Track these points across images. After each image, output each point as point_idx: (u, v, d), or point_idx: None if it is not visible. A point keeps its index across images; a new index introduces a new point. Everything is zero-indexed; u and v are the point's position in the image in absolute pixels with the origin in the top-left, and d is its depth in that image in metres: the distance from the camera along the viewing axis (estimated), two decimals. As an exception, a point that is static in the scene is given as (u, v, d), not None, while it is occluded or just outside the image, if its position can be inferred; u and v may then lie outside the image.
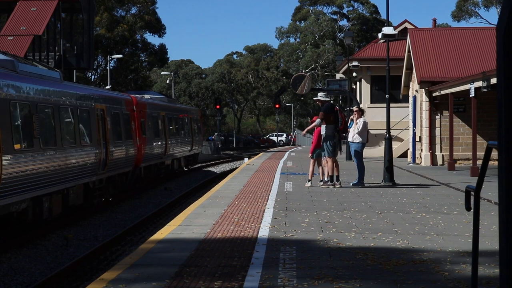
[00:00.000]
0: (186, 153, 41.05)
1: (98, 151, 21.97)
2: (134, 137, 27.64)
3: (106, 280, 8.35)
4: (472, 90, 25.82)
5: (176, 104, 43.33)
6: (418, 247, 10.53)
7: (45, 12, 42.51)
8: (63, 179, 18.47)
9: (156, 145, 32.11)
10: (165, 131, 34.14)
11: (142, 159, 28.91)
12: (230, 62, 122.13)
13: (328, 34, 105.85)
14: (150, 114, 31.25)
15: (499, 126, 2.57)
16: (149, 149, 30.28)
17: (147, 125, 30.25)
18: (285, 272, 8.63)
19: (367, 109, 42.98)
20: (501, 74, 2.55)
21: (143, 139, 29.11)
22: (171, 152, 35.62)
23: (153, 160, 31.63)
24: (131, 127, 27.37)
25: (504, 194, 2.56)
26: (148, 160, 30.25)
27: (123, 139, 25.76)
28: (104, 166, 22.69)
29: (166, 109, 35.72)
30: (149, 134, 30.57)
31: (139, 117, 28.86)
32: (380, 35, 26.29)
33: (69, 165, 18.97)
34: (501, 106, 2.54)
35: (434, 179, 23.93)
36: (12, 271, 13.88)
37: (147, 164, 30.32)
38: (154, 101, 33.93)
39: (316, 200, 16.94)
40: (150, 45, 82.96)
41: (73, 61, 45.60)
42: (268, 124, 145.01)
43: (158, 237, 11.50)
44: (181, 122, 39.74)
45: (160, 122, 33.44)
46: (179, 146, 38.27)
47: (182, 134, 39.49)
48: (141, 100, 30.36)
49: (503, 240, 2.58)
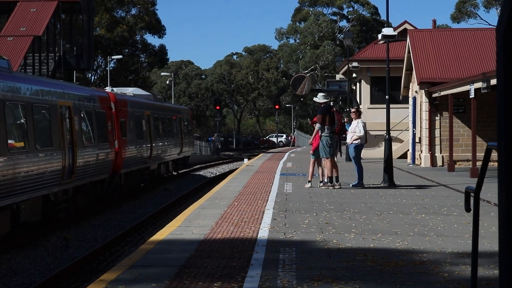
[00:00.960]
0: (175, 157, 37.83)
1: (61, 156, 18.49)
2: (111, 140, 24.42)
3: (106, 281, 8.35)
4: (472, 91, 25.82)
5: (164, 103, 39.73)
6: (418, 248, 10.53)
7: (45, 12, 42.51)
8: (10, 192, 15.28)
9: (140, 148, 28.87)
10: (150, 133, 30.88)
11: (122, 164, 25.65)
12: (230, 63, 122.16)
13: (328, 35, 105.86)
14: (132, 113, 27.88)
15: (499, 127, 2.57)
16: (130, 152, 27.05)
17: (128, 125, 26.97)
18: (285, 273, 8.63)
19: (367, 110, 43.12)
20: (500, 75, 2.54)
21: (123, 142, 25.90)
22: (157, 156, 32.37)
23: (136, 165, 28.36)
24: (108, 128, 24.10)
25: (504, 196, 2.55)
26: (129, 165, 26.98)
27: (96, 142, 22.58)
28: (71, 174, 19.29)
29: (152, 108, 32.48)
30: (131, 136, 27.41)
31: (118, 117, 25.62)
32: (380, 36, 26.30)
33: (18, 174, 15.74)
34: (501, 107, 2.54)
35: (433, 180, 23.92)
36: (12, 272, 13.87)
37: (129, 169, 27.05)
38: (137, 99, 30.39)
39: (316, 201, 16.94)
40: (150, 46, 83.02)
41: (73, 62, 45.59)
42: (268, 125, 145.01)
43: (158, 238, 11.50)
44: (170, 122, 36.64)
45: (144, 122, 30.16)
46: (167, 149, 35.11)
47: (170, 135, 36.27)
48: (121, 98, 27.03)
49: (503, 242, 2.57)
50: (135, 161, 28.09)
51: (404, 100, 39.10)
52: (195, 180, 38.93)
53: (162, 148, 33.46)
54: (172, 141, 36.46)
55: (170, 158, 36.09)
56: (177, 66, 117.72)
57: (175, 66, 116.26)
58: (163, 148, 33.73)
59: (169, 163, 36.63)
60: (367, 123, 42.80)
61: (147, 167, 30.81)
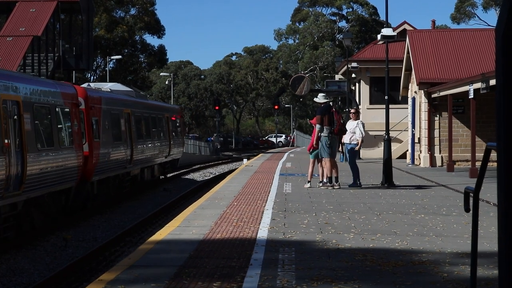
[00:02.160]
0: (162, 160, 34.55)
1: (3, 163, 15.04)
2: (79, 142, 20.80)
3: (105, 281, 8.35)
4: (471, 92, 25.83)
5: (149, 100, 36.02)
6: (417, 248, 10.53)
7: (44, 13, 42.50)
8: None
9: (117, 151, 25.48)
10: (131, 133, 27.45)
11: (94, 170, 22.38)
12: (229, 63, 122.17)
13: (327, 36, 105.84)
14: (107, 111, 24.56)
15: (498, 128, 2.57)
16: (105, 156, 23.71)
17: (102, 125, 23.69)
18: (284, 273, 8.63)
19: (366, 110, 43.15)
20: (500, 76, 2.55)
21: (95, 144, 22.67)
22: (139, 160, 28.96)
23: (113, 170, 24.96)
24: (73, 128, 20.37)
25: (503, 196, 2.56)
26: (104, 171, 23.60)
27: (57, 145, 18.97)
28: (19, 185, 15.94)
29: (134, 105, 29.07)
30: (106, 137, 24.02)
31: (89, 115, 22.42)
32: (379, 36, 26.31)
33: None
34: (500, 108, 2.55)
35: (433, 181, 23.93)
36: (11, 272, 13.87)
37: (103, 176, 23.70)
38: (114, 95, 26.98)
39: (315, 201, 16.94)
40: (149, 46, 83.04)
41: (72, 62, 45.58)
42: (267, 125, 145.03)
43: (157, 238, 11.50)
44: (155, 122, 33.29)
45: (123, 121, 26.71)
46: (152, 152, 31.83)
47: (156, 136, 32.94)
48: (93, 93, 23.75)
49: (502, 242, 2.58)
50: (112, 166, 24.76)
51: (403, 100, 39.10)
52: (194, 180, 38.94)
53: (145, 151, 30.37)
54: (158, 143, 33.34)
55: (155, 161, 33.07)
56: (176, 66, 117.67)
57: (174, 66, 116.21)
58: (146, 151, 30.68)
59: (155, 167, 33.51)
60: (366, 123, 42.95)
61: (127, 172, 27.34)
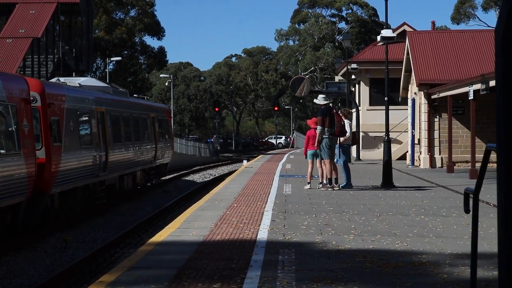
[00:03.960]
0: (146, 165, 30.90)
1: None
2: (30, 146, 17.18)
3: (105, 283, 8.35)
4: (471, 93, 25.83)
5: (130, 98, 31.11)
6: (417, 249, 10.53)
7: (44, 14, 42.53)
8: None
9: (86, 156, 21.73)
10: (105, 136, 23.71)
11: (55, 181, 18.79)
12: (228, 65, 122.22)
13: (328, 37, 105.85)
14: (72, 109, 20.79)
15: (498, 129, 2.57)
16: (69, 163, 19.94)
17: (66, 126, 19.97)
18: (284, 275, 8.63)
19: (366, 112, 43.20)
20: (499, 77, 2.55)
21: (55, 149, 18.93)
22: (116, 166, 25.15)
23: (81, 180, 21.19)
24: (22, 129, 16.82)
25: (503, 197, 2.56)
26: (68, 181, 19.91)
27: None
28: None
29: (110, 103, 25.17)
30: (71, 141, 20.37)
31: (46, 114, 18.65)
32: (379, 37, 26.31)
33: None
34: (500, 109, 2.55)
35: (433, 182, 23.93)
36: (11, 273, 13.87)
37: (67, 187, 19.99)
38: (83, 91, 22.99)
39: (315, 203, 16.94)
40: (149, 48, 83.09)
41: (72, 64, 45.63)
42: (267, 127, 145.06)
43: (157, 239, 11.50)
44: (138, 122, 29.52)
45: (95, 122, 22.90)
46: (133, 156, 28.02)
47: (138, 139, 29.20)
48: (52, 88, 20.04)
49: (502, 243, 2.58)
50: (79, 174, 21.03)
51: (403, 101, 39.12)
52: (194, 181, 38.95)
53: (124, 156, 26.50)
54: (141, 146, 29.62)
55: (138, 167, 29.24)
56: (176, 68, 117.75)
57: (174, 67, 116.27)
58: (126, 156, 26.78)
59: (137, 174, 29.51)
60: (366, 124, 42.94)
61: (100, 181, 23.55)
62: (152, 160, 31.70)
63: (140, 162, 29.43)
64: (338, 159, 21.25)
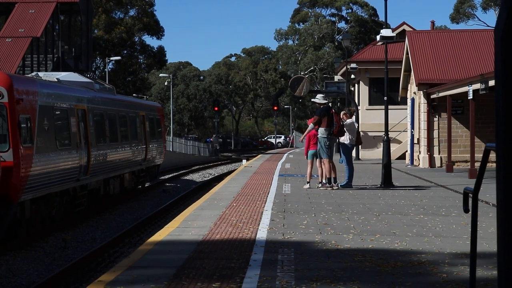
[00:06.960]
0: (136, 167, 28.84)
1: None
2: None
3: (104, 282, 8.35)
4: (470, 92, 25.83)
5: (117, 95, 28.76)
6: (416, 249, 10.53)
7: (43, 14, 42.53)
8: None
9: (64, 159, 19.53)
10: (87, 136, 21.72)
11: (25, 187, 16.54)
12: (228, 64, 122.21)
13: (327, 37, 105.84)
14: (47, 106, 18.58)
15: (497, 128, 2.57)
16: (43, 166, 17.70)
17: (39, 125, 17.66)
18: (283, 274, 8.63)
19: (365, 111, 43.20)
20: (499, 76, 2.55)
21: (25, 151, 16.63)
22: (100, 168, 23.15)
23: (56, 185, 18.83)
24: None
25: (502, 196, 2.56)
26: (41, 187, 17.66)
27: None
28: None
29: (92, 100, 23.09)
30: (45, 141, 18.07)
31: (15, 111, 16.36)
32: (378, 37, 26.32)
33: None
34: (499, 108, 2.55)
35: (432, 181, 23.93)
36: (10, 273, 13.88)
37: (41, 193, 17.73)
38: (61, 86, 20.81)
39: (314, 202, 16.94)
40: (149, 47, 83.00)
41: (71, 63, 45.61)
42: (266, 126, 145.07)
43: (156, 239, 11.50)
44: (126, 121, 27.60)
45: (75, 120, 20.70)
46: (120, 158, 25.97)
47: (126, 139, 27.25)
48: (23, 83, 17.65)
49: (501, 242, 2.58)
50: (55, 179, 18.75)
51: (402, 101, 39.13)
52: (193, 181, 38.96)
53: (110, 157, 24.45)
54: (130, 147, 27.64)
55: (126, 170, 27.20)
56: (175, 67, 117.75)
57: (173, 67, 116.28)
58: (112, 157, 24.72)
59: (125, 177, 27.57)
60: (365, 124, 42.95)
61: (82, 185, 21.46)
62: (142, 162, 29.79)
63: (128, 164, 27.35)
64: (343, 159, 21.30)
